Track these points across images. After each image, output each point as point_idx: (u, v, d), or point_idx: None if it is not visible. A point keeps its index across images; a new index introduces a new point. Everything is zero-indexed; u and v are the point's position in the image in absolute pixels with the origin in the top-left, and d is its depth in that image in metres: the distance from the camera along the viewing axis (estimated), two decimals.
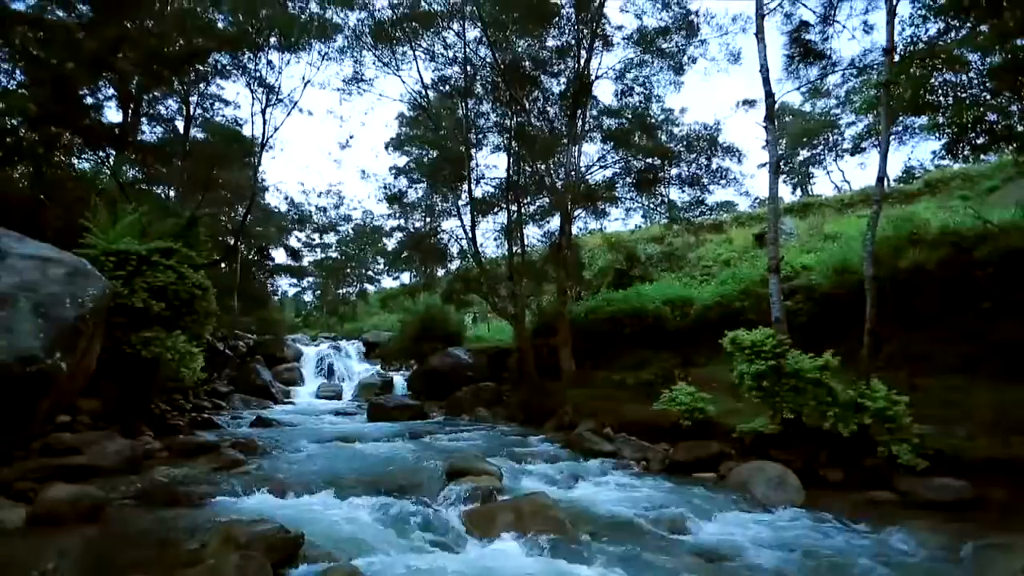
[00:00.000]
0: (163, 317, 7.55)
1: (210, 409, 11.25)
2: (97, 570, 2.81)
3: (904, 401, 5.57)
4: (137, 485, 4.80)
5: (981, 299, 7.66)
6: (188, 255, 8.37)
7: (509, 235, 14.08)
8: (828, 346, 6.42)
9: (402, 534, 4.04)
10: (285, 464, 6.25)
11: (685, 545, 4.08)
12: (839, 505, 4.96)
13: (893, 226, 9.83)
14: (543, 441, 8.32)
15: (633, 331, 11.85)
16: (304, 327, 30.47)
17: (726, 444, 6.64)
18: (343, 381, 17.63)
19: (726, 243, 19.40)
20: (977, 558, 3.64)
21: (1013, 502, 4.64)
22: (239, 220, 18.45)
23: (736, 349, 6.63)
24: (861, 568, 3.57)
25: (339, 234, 35.37)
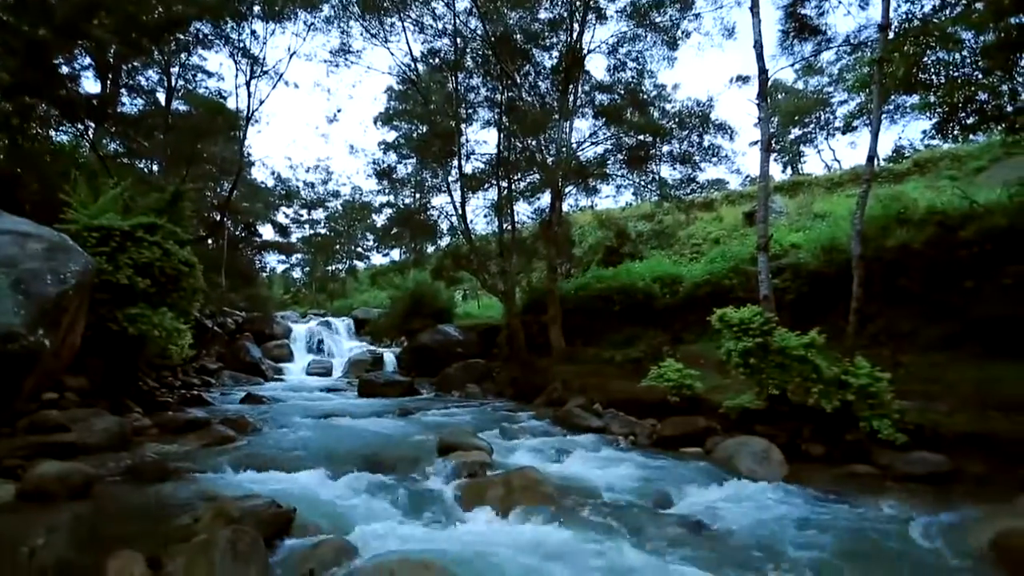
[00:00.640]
0: (149, 294, 7.46)
1: (199, 386, 11.22)
2: (89, 545, 2.81)
3: (887, 378, 5.69)
4: (127, 461, 4.79)
5: (964, 278, 7.78)
6: (173, 231, 8.23)
7: (499, 211, 14.00)
8: (815, 324, 6.51)
9: (393, 508, 4.09)
10: (276, 440, 6.27)
11: (671, 517, 4.17)
12: (820, 478, 5.09)
13: (881, 205, 9.90)
14: (533, 417, 8.41)
15: (623, 308, 11.93)
16: (293, 304, 30.32)
17: (713, 420, 6.76)
18: (333, 358, 17.63)
19: (716, 221, 19.45)
20: (949, 528, 3.76)
21: (988, 475, 4.79)
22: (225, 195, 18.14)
23: (724, 326, 6.70)
24: (836, 537, 3.68)
25: (328, 210, 35.00)
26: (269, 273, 33.08)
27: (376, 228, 32.18)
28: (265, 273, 31.36)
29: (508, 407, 9.64)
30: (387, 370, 14.97)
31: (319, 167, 35.40)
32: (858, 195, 7.96)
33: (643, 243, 17.52)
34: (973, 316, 7.33)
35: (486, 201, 15.46)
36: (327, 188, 35.05)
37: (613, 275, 12.90)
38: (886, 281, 8.47)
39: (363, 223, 34.33)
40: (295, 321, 20.72)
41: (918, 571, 3.18)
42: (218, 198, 19.84)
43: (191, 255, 8.49)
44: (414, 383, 12.05)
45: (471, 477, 4.77)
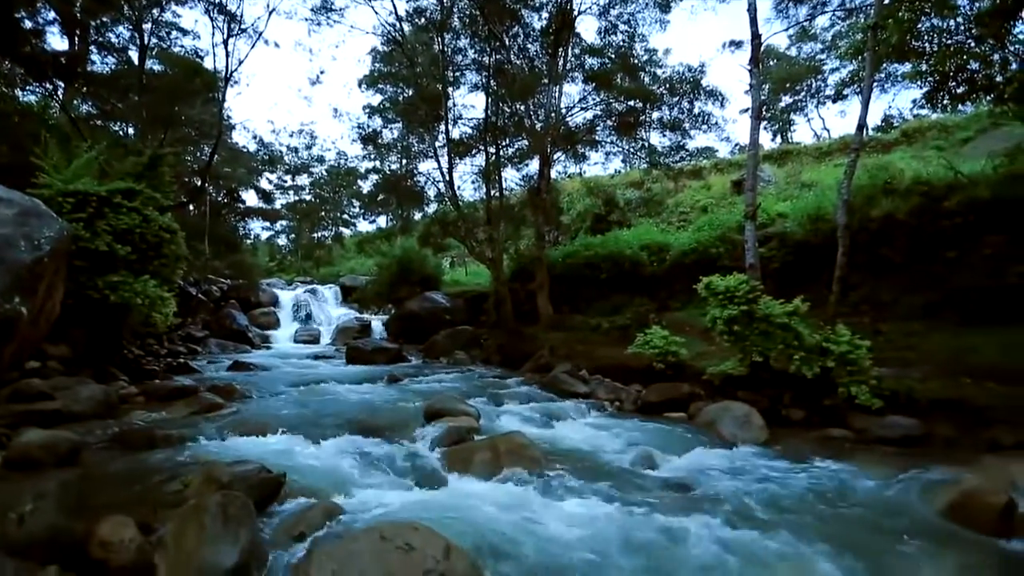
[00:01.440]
0: (130, 261, 7.32)
1: (185, 354, 11.17)
2: (78, 511, 2.83)
3: (866, 345, 5.82)
4: (114, 429, 4.79)
5: (946, 248, 7.90)
6: (152, 196, 8.02)
7: (487, 178, 13.82)
8: (799, 292, 6.60)
9: (381, 473, 4.15)
10: (264, 407, 6.30)
11: (654, 479, 4.29)
12: (799, 442, 5.25)
13: (868, 175, 9.94)
14: (520, 383, 8.51)
15: (610, 276, 11.99)
16: (279, 271, 30.03)
17: (696, 386, 6.90)
18: (320, 325, 17.61)
19: (704, 189, 19.42)
20: (917, 488, 3.92)
21: (957, 438, 4.98)
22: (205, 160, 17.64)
23: (710, 294, 6.77)
24: (811, 498, 3.82)
25: (312, 176, 34.33)
26: (254, 240, 32.59)
27: (362, 194, 31.67)
28: (249, 240, 30.88)
29: (495, 374, 9.74)
30: (375, 337, 15.00)
31: (303, 131, 34.53)
32: (846, 164, 7.96)
33: (631, 211, 17.48)
34: (952, 286, 7.48)
35: (474, 167, 15.27)
36: (311, 153, 34.31)
37: (601, 243, 12.91)
38: (870, 251, 8.57)
39: (349, 189, 33.74)
40: (281, 288, 20.57)
41: (886, 528, 3.32)
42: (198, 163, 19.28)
43: (172, 222, 8.31)
44: (402, 350, 12.10)
45: (458, 442, 4.84)
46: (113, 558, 2.33)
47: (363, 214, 33.87)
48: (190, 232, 11.32)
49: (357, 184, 32.44)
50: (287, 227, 35.71)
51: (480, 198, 15.12)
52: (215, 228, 19.74)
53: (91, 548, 2.36)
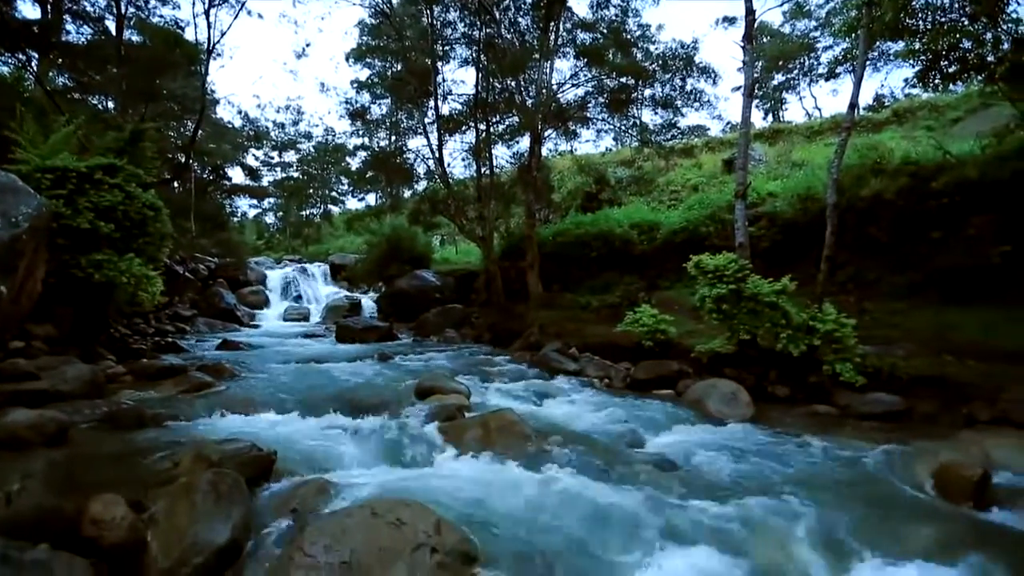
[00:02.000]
0: (113, 239, 7.19)
1: (173, 333, 11.09)
2: (67, 490, 2.82)
3: (851, 323, 5.91)
4: (102, 408, 4.75)
5: (932, 228, 7.98)
6: (135, 173, 7.84)
7: (477, 155, 13.67)
8: (787, 271, 6.66)
9: (372, 450, 4.18)
10: (254, 385, 6.28)
11: (642, 455, 4.37)
12: (784, 418, 5.36)
13: (858, 155, 9.96)
14: (510, 361, 8.56)
15: (600, 255, 12.00)
16: (267, 250, 29.70)
17: (685, 363, 6.98)
18: (310, 304, 17.52)
19: (695, 168, 19.37)
20: (898, 462, 4.04)
21: (937, 413, 5.11)
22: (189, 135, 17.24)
23: (699, 273, 6.81)
24: (796, 472, 3.92)
25: (299, 153, 33.77)
26: (240, 218, 32.17)
27: (351, 171, 31.22)
28: (236, 218, 30.48)
29: (486, 351, 9.78)
30: (365, 316, 14.97)
31: (289, 107, 33.81)
32: (837, 143, 7.96)
33: (622, 189, 17.40)
34: (936, 266, 7.58)
35: (464, 144, 15.06)
36: (298, 129, 33.69)
37: (591, 221, 12.88)
38: (857, 230, 8.64)
39: (337, 166, 33.25)
40: (270, 267, 20.39)
41: (867, 500, 3.42)
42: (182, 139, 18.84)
43: (156, 199, 8.15)
44: (392, 328, 12.09)
45: (449, 419, 4.87)
46: (105, 536, 2.33)
47: (352, 192, 33.47)
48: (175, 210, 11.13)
49: (345, 161, 31.97)
50: (275, 205, 35.25)
51: (470, 176, 14.97)
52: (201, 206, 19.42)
53: (83, 526, 2.36)
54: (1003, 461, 3.92)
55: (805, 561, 2.70)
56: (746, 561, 2.63)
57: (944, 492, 3.49)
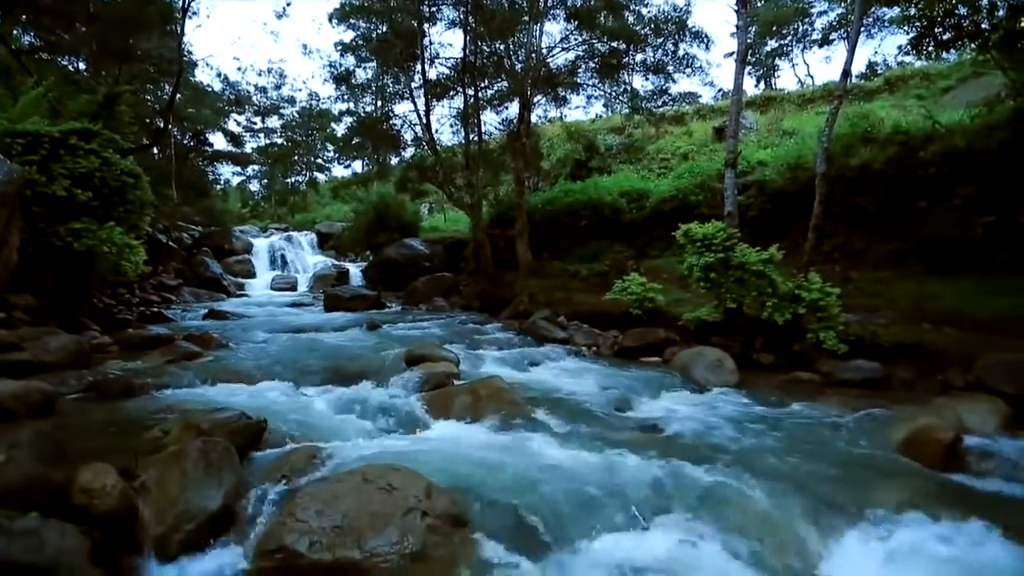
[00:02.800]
0: (92, 207, 7.01)
1: (159, 303, 10.96)
2: (55, 460, 2.82)
3: (836, 292, 6.00)
4: (88, 379, 4.72)
5: (919, 198, 8.02)
6: (111, 138, 7.60)
7: (465, 121, 13.40)
8: (775, 240, 6.70)
9: (362, 418, 4.22)
10: (243, 355, 6.27)
11: (629, 421, 4.46)
12: (767, 385, 5.48)
13: (849, 124, 9.91)
14: (499, 329, 8.61)
15: (589, 223, 11.96)
16: (252, 218, 29.22)
17: (672, 331, 7.07)
18: (297, 273, 17.39)
19: (686, 136, 19.19)
20: (875, 426, 4.16)
21: (914, 380, 5.25)
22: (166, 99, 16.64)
23: (688, 241, 6.83)
24: (777, 436, 4.03)
25: (283, 118, 32.82)
26: (224, 186, 31.41)
27: (336, 138, 30.44)
28: (220, 186, 29.77)
29: (475, 320, 9.82)
30: (353, 284, 14.91)
31: (271, 70, 32.62)
32: (829, 111, 7.90)
33: (612, 157, 17.23)
34: (921, 235, 7.67)
35: (451, 110, 14.73)
36: (280, 94, 32.65)
37: (581, 189, 12.79)
38: (845, 200, 8.67)
39: (322, 132, 32.42)
40: (255, 236, 20.11)
41: (844, 463, 3.54)
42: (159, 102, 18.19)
43: (135, 165, 7.93)
44: (381, 297, 12.07)
45: (439, 387, 4.92)
46: (96, 504, 2.34)
47: (338, 158, 32.76)
48: (156, 177, 10.81)
49: (331, 127, 31.16)
50: (259, 172, 34.45)
51: (458, 142, 14.72)
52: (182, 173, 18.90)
53: (72, 495, 2.37)
54: (974, 425, 4.06)
55: (785, 523, 2.80)
56: (728, 524, 2.72)
57: (918, 455, 3.62)
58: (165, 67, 16.91)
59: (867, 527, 2.80)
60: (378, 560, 2.32)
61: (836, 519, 2.85)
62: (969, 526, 2.74)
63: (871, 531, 2.77)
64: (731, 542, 2.61)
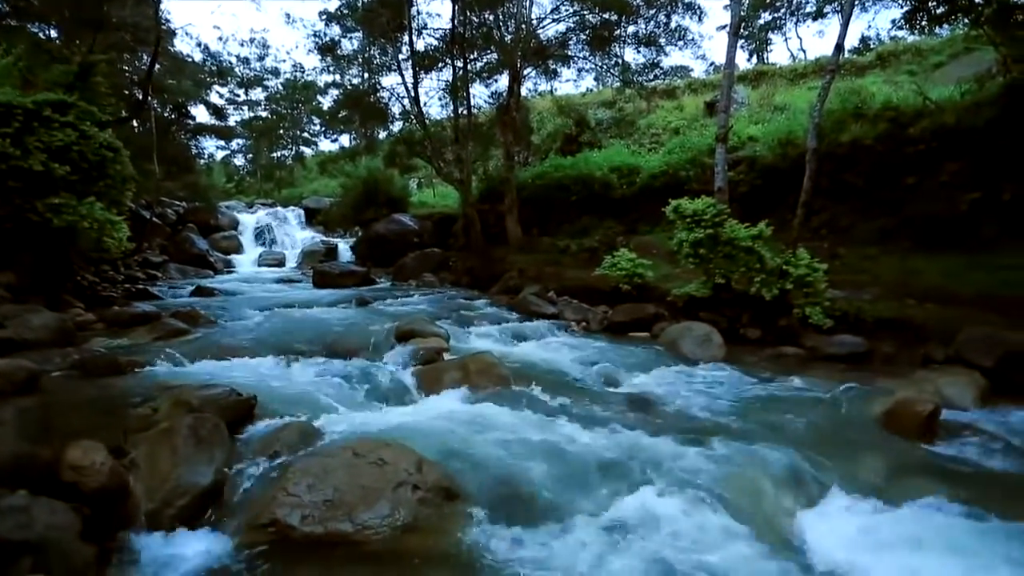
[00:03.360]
0: (70, 182, 6.82)
1: (144, 280, 10.81)
2: (43, 438, 2.80)
3: (823, 268, 6.05)
4: (74, 356, 4.66)
5: (907, 175, 8.05)
6: (88, 110, 7.36)
7: (454, 94, 13.16)
8: (764, 216, 6.72)
9: (353, 393, 4.23)
10: (231, 331, 6.22)
11: (617, 395, 4.52)
12: (753, 359, 5.57)
13: (840, 99, 9.86)
14: (489, 305, 8.62)
15: (580, 198, 11.91)
16: (238, 193, 28.69)
17: (661, 307, 7.12)
18: (285, 249, 17.22)
19: (677, 110, 18.99)
20: (857, 399, 4.26)
21: (896, 354, 5.35)
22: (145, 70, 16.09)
23: (678, 217, 6.83)
24: (762, 409, 4.12)
25: (267, 90, 31.95)
26: (208, 160, 30.66)
27: (322, 111, 29.77)
28: (203, 160, 29.05)
29: (465, 295, 9.82)
30: (342, 260, 14.79)
31: (253, 40, 31.64)
32: (821, 86, 7.84)
33: (602, 132, 17.05)
34: (908, 212, 7.72)
35: (440, 83, 14.43)
36: (264, 65, 31.70)
37: (571, 164, 12.69)
38: (834, 176, 8.68)
39: (308, 105, 31.67)
40: (241, 211, 19.81)
41: (827, 434, 3.63)
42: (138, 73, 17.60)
43: (114, 139, 7.71)
44: (370, 273, 12.00)
45: (429, 362, 4.94)
46: (86, 481, 2.34)
47: (324, 132, 32.06)
48: (136, 151, 10.50)
49: (316, 100, 30.44)
50: (243, 146, 33.64)
51: (447, 116, 14.47)
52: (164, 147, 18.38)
53: (61, 472, 2.36)
54: (953, 398, 4.17)
55: (768, 491, 2.87)
56: (714, 495, 2.78)
57: (898, 427, 3.71)
58: (142, 36, 16.28)
59: (846, 496, 2.88)
60: (370, 533, 2.36)
61: (817, 488, 2.93)
62: (944, 495, 2.83)
63: (850, 500, 2.85)
64: (715, 510, 2.67)
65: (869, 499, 2.85)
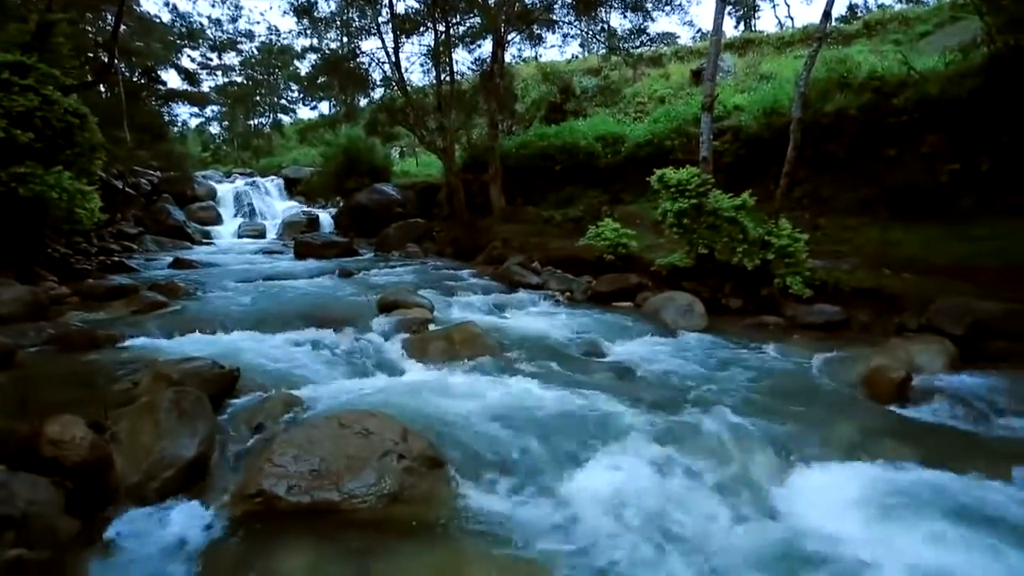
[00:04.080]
0: (36, 150, 6.53)
1: (120, 252, 10.52)
2: (20, 413, 2.76)
3: (804, 239, 6.12)
4: (49, 331, 4.57)
5: (889, 146, 8.09)
6: (50, 73, 7.00)
7: (436, 59, 12.81)
8: (748, 186, 6.73)
9: (337, 365, 4.23)
10: (212, 304, 6.14)
11: (601, 363, 4.58)
12: (734, 328, 5.67)
13: (826, 68, 9.78)
14: (473, 275, 8.60)
15: (564, 167, 11.79)
16: (214, 163, 27.91)
17: (645, 277, 7.17)
18: (265, 220, 16.89)
19: (663, 78, 18.77)
20: (834, 366, 4.38)
21: (872, 322, 5.49)
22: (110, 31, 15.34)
23: (663, 187, 6.82)
24: (742, 376, 4.22)
25: (241, 54, 30.69)
26: (181, 128, 29.68)
27: (300, 76, 28.72)
28: (177, 128, 28.11)
29: (449, 266, 9.78)
30: (324, 231, 14.58)
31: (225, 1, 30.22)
32: (807, 54, 7.76)
33: (588, 100, 16.80)
34: (888, 183, 7.78)
35: (422, 48, 14.00)
36: (237, 27, 30.37)
37: (556, 133, 12.51)
38: (817, 146, 8.68)
39: (284, 70, 30.56)
40: (218, 181, 19.33)
41: (804, 400, 3.73)
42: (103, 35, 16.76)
43: (80, 104, 7.37)
44: (353, 244, 11.86)
45: (413, 333, 4.94)
46: (66, 455, 2.32)
47: (303, 99, 31.01)
48: (105, 118, 10.06)
49: (293, 65, 29.36)
50: (218, 113, 32.51)
51: (430, 83, 14.11)
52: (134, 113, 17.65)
53: (41, 447, 2.33)
54: (924, 365, 4.31)
55: (746, 455, 2.96)
56: (691, 460, 2.86)
57: (872, 393, 3.84)
58: None
59: (820, 459, 2.98)
60: (356, 501, 2.39)
61: (792, 452, 3.03)
62: (911, 456, 2.95)
63: (824, 462, 2.96)
64: (694, 474, 2.76)
65: (842, 461, 2.95)
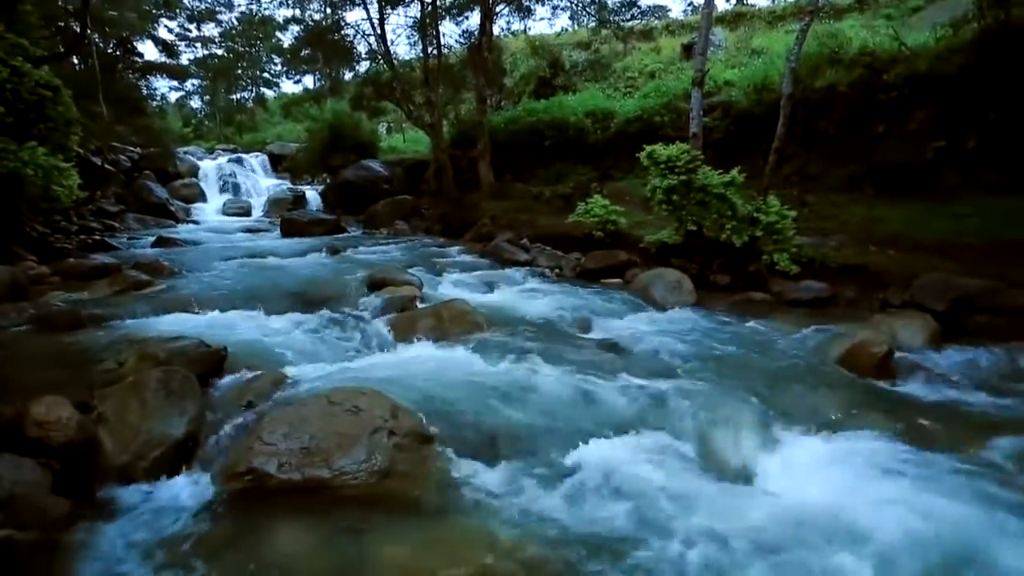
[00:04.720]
0: (7, 124, 6.33)
1: (101, 230, 10.32)
2: (4, 394, 2.73)
3: (792, 216, 6.14)
4: (30, 311, 4.49)
5: (878, 122, 8.08)
6: (19, 44, 6.75)
7: (423, 32, 12.51)
8: (738, 163, 6.71)
9: (325, 343, 4.21)
10: (197, 283, 6.06)
11: (589, 340, 4.61)
12: (722, 304, 5.71)
13: (818, 43, 9.70)
14: (462, 252, 8.57)
15: (553, 143, 11.68)
16: (196, 139, 27.26)
17: (634, 253, 7.18)
18: (250, 197, 16.61)
19: (653, 53, 18.51)
20: (819, 342, 4.44)
21: (857, 299, 5.56)
22: None
23: (652, 163, 6.78)
24: (729, 352, 4.27)
25: (221, 25, 29.75)
26: (161, 102, 28.86)
27: (282, 49, 27.99)
28: (156, 102, 27.34)
29: (437, 243, 9.73)
30: (310, 208, 14.39)
31: None
32: (799, 29, 7.68)
33: (577, 75, 16.56)
34: (875, 160, 7.80)
35: (408, 19, 13.66)
36: None
37: (545, 108, 12.36)
38: (807, 123, 8.66)
39: (266, 43, 29.73)
40: (201, 158, 18.89)
41: (789, 374, 3.80)
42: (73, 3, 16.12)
43: (52, 76, 7.12)
44: (340, 221, 11.74)
45: (402, 310, 4.92)
46: (52, 436, 2.30)
47: (286, 73, 30.25)
48: (80, 91, 9.74)
49: (276, 37, 28.54)
50: (199, 87, 31.64)
51: (417, 56, 13.80)
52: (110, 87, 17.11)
53: (26, 428, 2.31)
54: (906, 340, 4.39)
55: (731, 428, 3.01)
56: (682, 436, 2.91)
57: (855, 367, 3.91)
58: None
59: (805, 431, 3.05)
60: (347, 478, 2.40)
61: (777, 425, 3.09)
62: (891, 428, 3.02)
63: (808, 435, 3.02)
64: (680, 447, 2.81)
65: (826, 433, 3.02)
